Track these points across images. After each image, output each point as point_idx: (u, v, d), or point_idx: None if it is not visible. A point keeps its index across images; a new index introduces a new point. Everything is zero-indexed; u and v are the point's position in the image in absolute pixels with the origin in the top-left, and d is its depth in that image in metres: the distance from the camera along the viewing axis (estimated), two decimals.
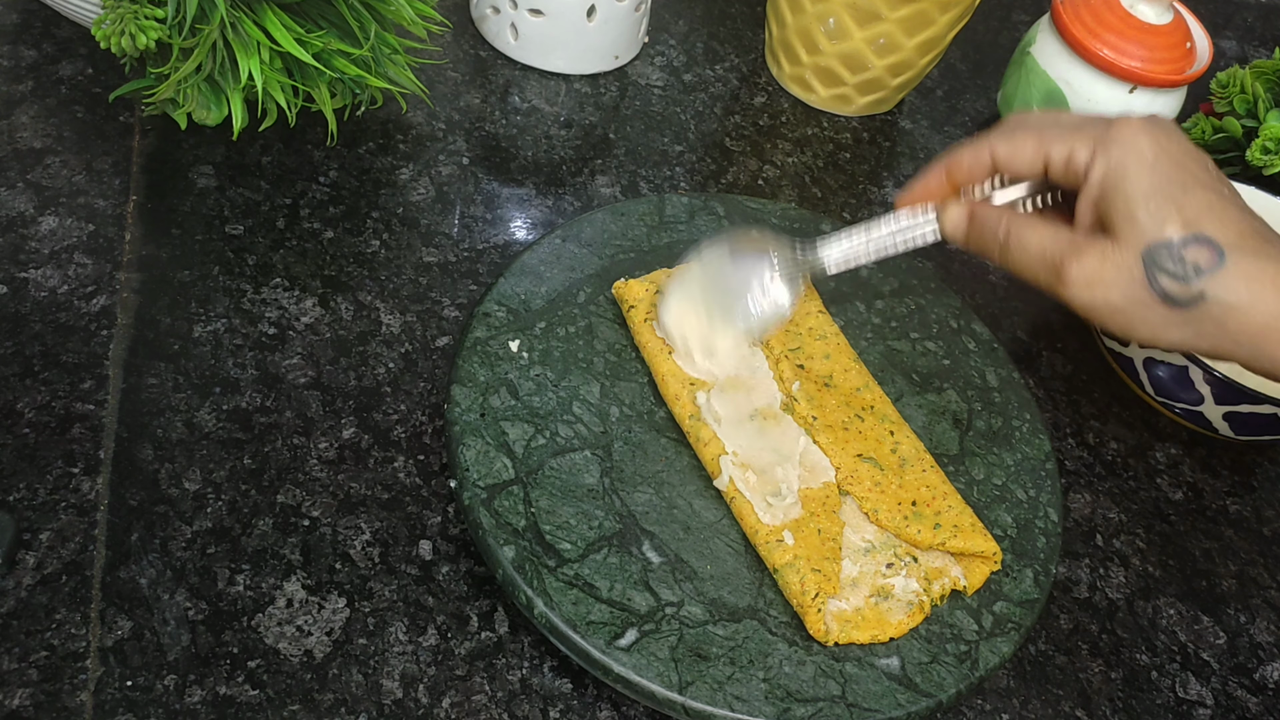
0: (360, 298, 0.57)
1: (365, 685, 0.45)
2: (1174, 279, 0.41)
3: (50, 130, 0.59)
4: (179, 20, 0.53)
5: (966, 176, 0.48)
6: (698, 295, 0.52)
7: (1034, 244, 0.44)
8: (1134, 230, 0.42)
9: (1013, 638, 0.49)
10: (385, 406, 0.53)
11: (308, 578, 0.47)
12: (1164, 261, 0.41)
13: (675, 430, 0.52)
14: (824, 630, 0.46)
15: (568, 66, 0.72)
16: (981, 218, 0.47)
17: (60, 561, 0.45)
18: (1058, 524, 0.53)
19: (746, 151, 0.72)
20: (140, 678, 0.43)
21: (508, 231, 0.63)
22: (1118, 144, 0.43)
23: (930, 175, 0.49)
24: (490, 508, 0.47)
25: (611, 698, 0.47)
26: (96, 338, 0.52)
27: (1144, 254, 0.41)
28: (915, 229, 0.49)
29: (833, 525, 0.49)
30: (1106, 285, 0.42)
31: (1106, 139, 0.43)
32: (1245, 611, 0.57)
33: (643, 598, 0.46)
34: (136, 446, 0.49)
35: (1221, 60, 0.94)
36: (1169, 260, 0.41)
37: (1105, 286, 0.42)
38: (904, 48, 0.71)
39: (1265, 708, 0.54)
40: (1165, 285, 0.41)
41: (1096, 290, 0.42)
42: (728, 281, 0.52)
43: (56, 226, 0.56)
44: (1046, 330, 0.68)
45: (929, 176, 0.49)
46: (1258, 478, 0.64)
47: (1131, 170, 0.42)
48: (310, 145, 0.63)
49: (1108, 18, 0.70)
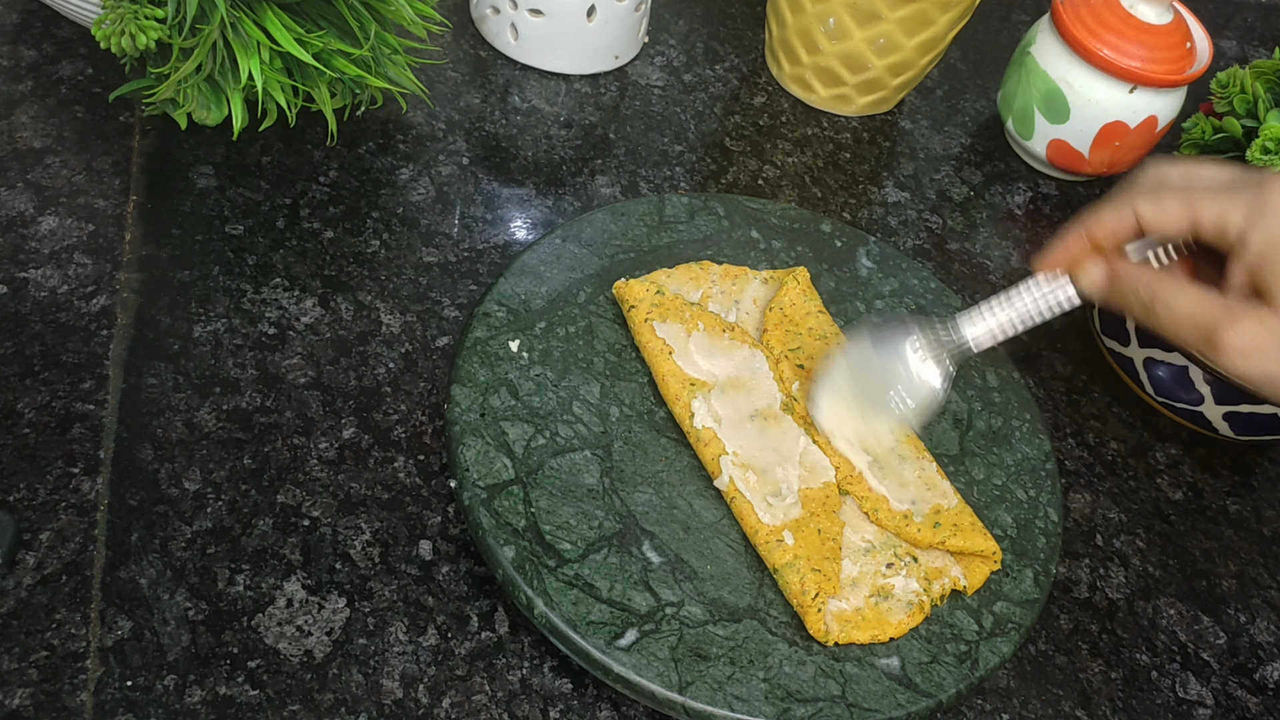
0: (360, 298, 0.57)
1: (365, 685, 0.45)
2: None
3: (50, 130, 0.59)
4: (179, 20, 0.53)
5: (1109, 238, 0.47)
6: (845, 390, 0.51)
7: (1183, 308, 0.43)
8: None
9: (1013, 638, 0.49)
10: (385, 406, 0.53)
11: (308, 578, 0.47)
12: None
13: (675, 430, 0.52)
14: (824, 630, 0.46)
15: (568, 66, 0.72)
16: (1122, 277, 0.46)
17: (60, 561, 0.45)
18: (1058, 524, 0.53)
19: (746, 151, 0.72)
20: (140, 678, 0.43)
21: (508, 231, 0.63)
22: (1274, 211, 0.42)
23: (1070, 237, 0.48)
24: (490, 508, 0.47)
25: (611, 698, 0.47)
26: (96, 338, 0.52)
27: None
28: (1055, 293, 0.48)
29: (833, 525, 0.49)
30: (1266, 354, 0.41)
31: (1262, 205, 0.42)
32: (1245, 611, 0.57)
33: (643, 598, 0.46)
34: (136, 446, 0.49)
35: (1221, 60, 0.94)
36: None
37: (1265, 355, 0.41)
38: (904, 48, 0.71)
39: (1265, 708, 0.54)
40: None
41: (1254, 359, 0.42)
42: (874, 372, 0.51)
43: (56, 226, 0.56)
44: (1046, 330, 0.68)
45: (1069, 239, 0.48)
46: (1258, 478, 0.64)
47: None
48: (310, 145, 0.63)
49: (1108, 18, 0.70)
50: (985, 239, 0.72)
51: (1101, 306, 0.47)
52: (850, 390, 0.52)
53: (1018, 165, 0.78)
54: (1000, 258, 0.71)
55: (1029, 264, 0.49)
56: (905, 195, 0.73)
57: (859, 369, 0.51)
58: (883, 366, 0.51)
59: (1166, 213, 0.45)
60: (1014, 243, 0.72)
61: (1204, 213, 0.44)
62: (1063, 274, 0.48)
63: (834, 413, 0.52)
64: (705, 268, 0.58)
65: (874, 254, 0.63)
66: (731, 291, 0.58)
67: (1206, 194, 0.44)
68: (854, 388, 0.51)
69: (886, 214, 0.71)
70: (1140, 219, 0.45)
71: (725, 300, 0.57)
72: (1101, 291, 0.47)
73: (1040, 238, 0.73)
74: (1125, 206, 0.46)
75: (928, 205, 0.73)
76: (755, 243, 0.61)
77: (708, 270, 0.58)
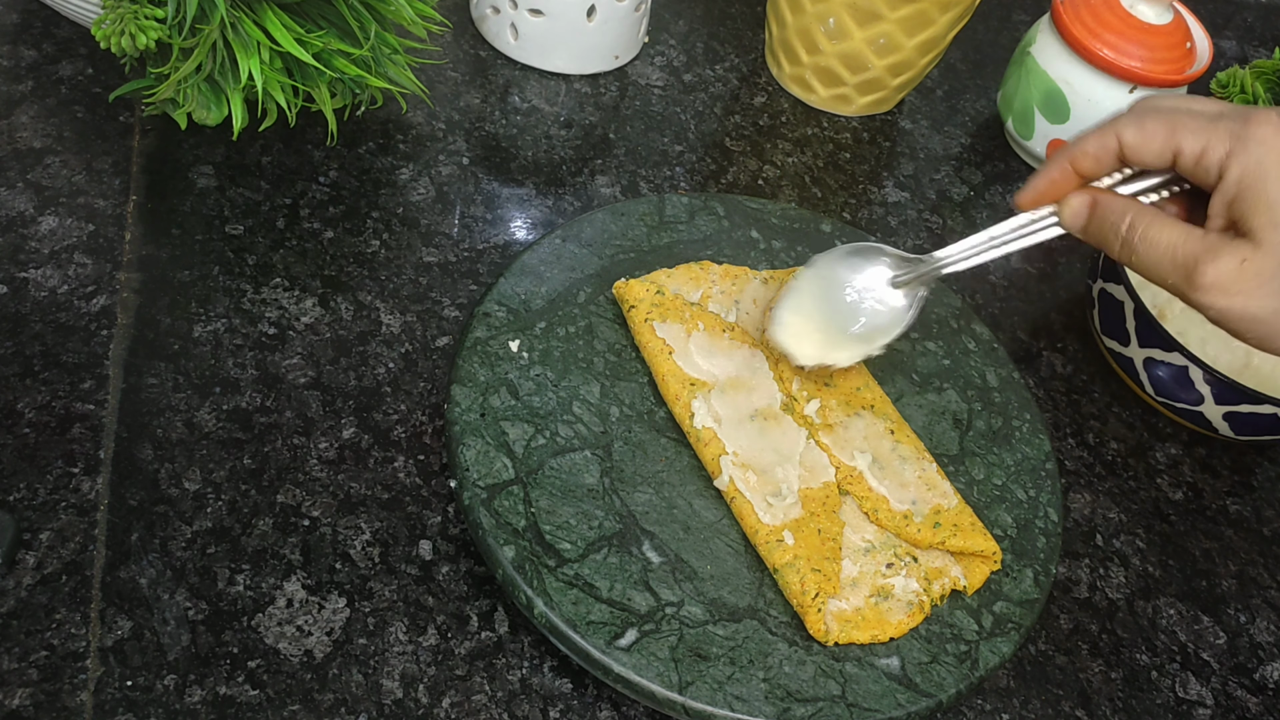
0: (360, 298, 0.57)
1: (365, 685, 0.45)
2: None
3: (50, 130, 0.59)
4: (179, 20, 0.53)
5: (1093, 166, 0.45)
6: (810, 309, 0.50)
7: (1163, 241, 0.42)
8: (1277, 234, 0.39)
9: (1013, 638, 0.49)
10: (385, 406, 0.53)
11: (308, 578, 0.47)
12: None
13: (675, 430, 0.52)
14: (824, 630, 0.46)
15: (568, 66, 0.72)
16: (1105, 207, 0.44)
17: (60, 561, 0.45)
18: (1058, 524, 0.53)
19: (746, 151, 0.72)
20: (140, 678, 0.43)
21: (508, 231, 0.63)
22: (1257, 143, 0.40)
23: (1053, 167, 0.46)
24: (490, 508, 0.47)
25: (611, 698, 0.47)
26: (96, 338, 0.52)
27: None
28: (1035, 226, 0.47)
29: (833, 525, 0.49)
30: (1246, 293, 0.40)
31: (1245, 136, 0.40)
32: (1245, 611, 0.57)
33: (643, 598, 0.46)
34: (136, 446, 0.49)
35: (1221, 60, 0.94)
36: None
37: (1244, 294, 0.40)
38: (904, 48, 0.71)
39: (1265, 708, 0.54)
40: None
41: (1234, 298, 0.40)
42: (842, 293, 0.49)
43: (56, 226, 0.56)
44: (1046, 330, 0.68)
45: (1052, 169, 0.46)
46: (1258, 478, 0.64)
47: (1272, 173, 0.39)
48: (310, 145, 0.63)
49: (1108, 18, 0.70)
50: None
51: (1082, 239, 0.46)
52: (815, 309, 0.50)
53: (1018, 165, 0.78)
54: (1000, 258, 0.71)
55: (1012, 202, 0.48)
56: (905, 195, 0.73)
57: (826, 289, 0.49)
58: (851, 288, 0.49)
59: (1149, 137, 0.43)
60: None
61: (1186, 141, 0.42)
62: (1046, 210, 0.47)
63: (795, 331, 0.50)
64: (705, 268, 0.58)
65: None
66: (731, 291, 0.58)
67: (1191, 121, 0.42)
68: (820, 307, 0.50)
69: (886, 214, 0.71)
70: (1122, 143, 0.44)
71: (725, 300, 0.57)
72: (1082, 222, 0.45)
73: None
74: (1109, 131, 0.44)
75: (928, 205, 0.73)
76: (755, 243, 0.61)
77: (708, 270, 0.58)
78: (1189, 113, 0.42)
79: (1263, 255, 0.40)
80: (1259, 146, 0.40)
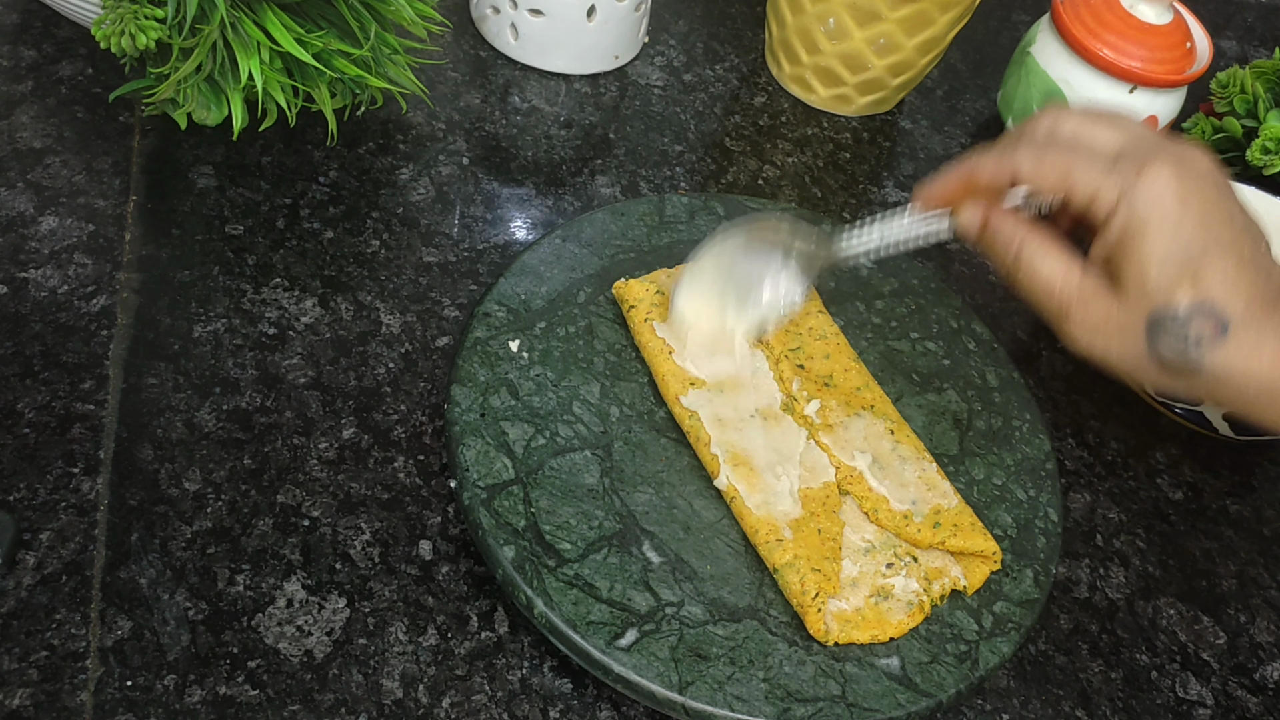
0: (360, 298, 0.57)
1: (365, 685, 0.45)
2: (1175, 350, 0.41)
3: (50, 130, 0.59)
4: (179, 20, 0.53)
5: (986, 185, 0.47)
6: (710, 286, 0.51)
7: (1043, 274, 0.44)
8: (1142, 295, 0.41)
9: (1013, 638, 0.49)
10: (385, 406, 0.53)
11: (308, 578, 0.47)
12: (1167, 330, 0.41)
13: (675, 430, 0.52)
14: (824, 630, 0.46)
15: (568, 66, 0.72)
16: (994, 228, 0.46)
17: (60, 561, 0.45)
18: (1058, 524, 0.53)
19: (746, 151, 0.72)
20: (140, 678, 0.43)
21: (508, 231, 0.63)
22: (1143, 196, 0.41)
23: (951, 177, 0.48)
24: (490, 508, 0.47)
25: (611, 698, 0.47)
26: (96, 338, 0.52)
27: (1149, 321, 0.41)
28: (929, 225, 0.49)
29: (833, 525, 0.49)
30: (1107, 338, 0.42)
31: (1134, 188, 0.41)
32: (1245, 611, 0.57)
33: (643, 598, 0.46)
34: (136, 446, 0.49)
35: (1221, 60, 0.94)
36: (1172, 330, 0.41)
37: (1106, 339, 0.43)
38: (904, 48, 0.71)
39: (1265, 708, 0.54)
40: (1165, 354, 0.41)
41: (1097, 339, 0.43)
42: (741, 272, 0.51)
43: (56, 226, 0.56)
44: (1046, 330, 0.67)
45: (949, 178, 0.48)
46: (1258, 478, 0.64)
47: (1152, 228, 0.41)
48: (310, 145, 0.63)
49: (1108, 18, 0.70)
50: None
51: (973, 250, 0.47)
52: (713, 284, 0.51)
53: None
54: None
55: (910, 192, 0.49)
56: (905, 195, 0.73)
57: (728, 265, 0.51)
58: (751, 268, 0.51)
59: (1044, 173, 0.44)
60: None
61: (1079, 182, 0.43)
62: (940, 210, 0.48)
63: (694, 305, 0.52)
64: None
65: None
66: None
67: (1086, 162, 0.43)
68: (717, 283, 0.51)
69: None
70: (1018, 173, 0.45)
71: None
72: (972, 236, 0.47)
73: None
74: (1008, 160, 0.45)
75: None
76: None
77: None
78: (1089, 152, 0.43)
79: (1126, 310, 0.42)
80: (1144, 200, 0.41)
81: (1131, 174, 0.42)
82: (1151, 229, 0.41)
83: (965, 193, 0.47)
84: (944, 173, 0.48)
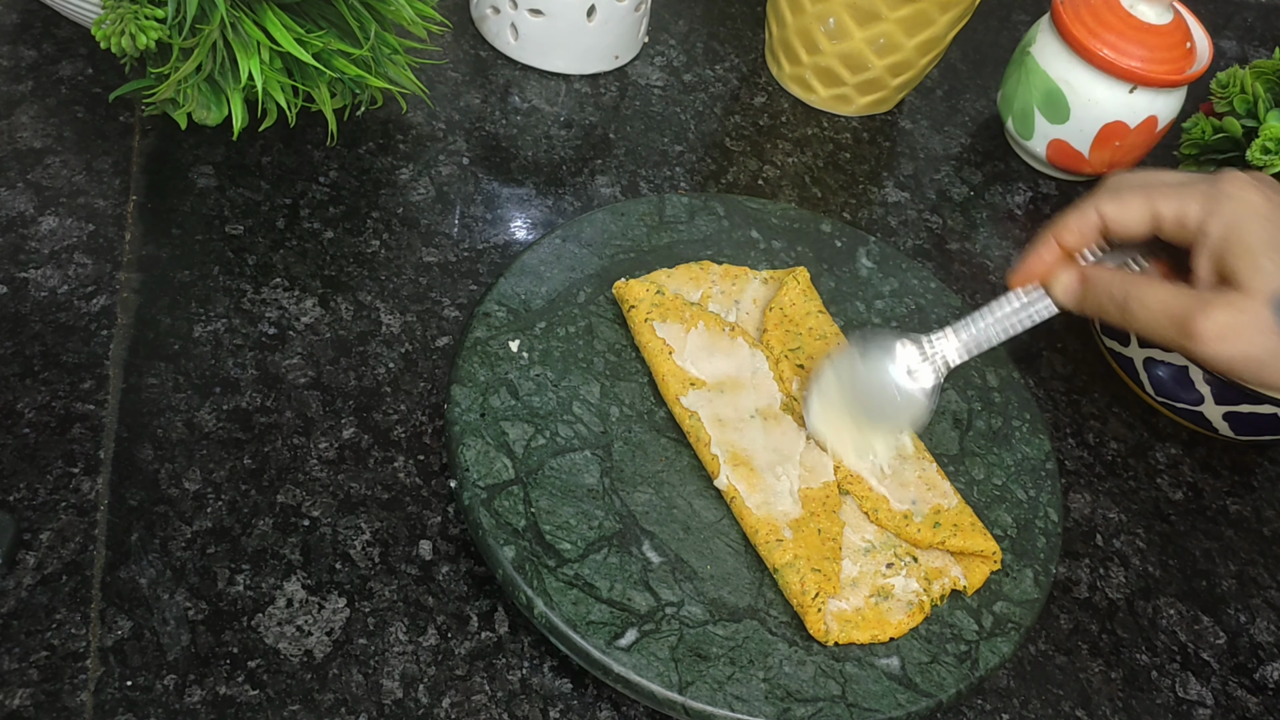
0: (360, 298, 0.57)
1: (365, 685, 0.45)
2: None
3: (50, 130, 0.59)
4: (179, 20, 0.53)
5: (1076, 240, 0.48)
6: (837, 400, 0.52)
7: (1155, 302, 0.44)
8: (1261, 279, 0.42)
9: (1013, 638, 0.49)
10: (385, 406, 0.53)
11: (308, 578, 0.47)
12: None
13: (675, 430, 0.52)
14: (824, 630, 0.46)
15: (568, 66, 0.72)
16: (1094, 281, 0.47)
17: (60, 561, 0.45)
18: (1058, 524, 0.53)
19: (746, 151, 0.72)
20: (140, 678, 0.43)
21: (508, 231, 0.63)
22: (1229, 199, 0.43)
23: (1040, 248, 0.49)
24: (490, 508, 0.47)
25: (611, 698, 0.47)
26: (96, 338, 0.52)
27: (1274, 302, 0.42)
28: (1032, 306, 0.49)
29: (833, 525, 0.49)
30: (1241, 337, 0.42)
31: (1216, 194, 0.44)
32: (1245, 611, 0.57)
33: (643, 598, 0.46)
34: (136, 446, 0.49)
35: (1221, 60, 0.94)
36: None
37: (1240, 339, 0.42)
38: (904, 48, 0.71)
39: (1265, 708, 0.54)
40: None
41: (1230, 343, 0.42)
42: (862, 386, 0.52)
43: (56, 226, 0.56)
44: (1046, 330, 0.68)
45: (1039, 249, 0.49)
46: (1258, 478, 0.64)
47: (1248, 223, 0.43)
48: (310, 145, 0.63)
49: (1108, 18, 0.70)
50: (985, 239, 0.72)
51: (1077, 312, 0.48)
52: (842, 402, 0.52)
53: (1018, 165, 0.78)
54: (1000, 258, 0.71)
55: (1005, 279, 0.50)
56: (905, 195, 0.73)
57: (848, 382, 0.52)
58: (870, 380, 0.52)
59: (1128, 209, 0.46)
60: (1014, 243, 0.72)
61: (1163, 207, 0.45)
62: (1037, 286, 0.49)
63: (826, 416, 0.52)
64: (705, 268, 0.58)
65: (874, 254, 0.63)
66: (731, 291, 0.58)
67: (1165, 189, 0.45)
68: (845, 400, 0.52)
69: (886, 214, 0.71)
70: (1104, 218, 0.47)
71: (725, 300, 0.57)
72: (1076, 298, 0.48)
73: None
74: (1089, 209, 0.47)
75: (928, 205, 0.73)
76: (755, 243, 0.61)
77: (708, 270, 0.58)
78: (1160, 183, 0.46)
79: (1251, 300, 0.42)
80: (1230, 201, 0.43)
81: (1208, 184, 0.44)
82: (1249, 222, 0.43)
83: (1055, 260, 0.49)
84: (1029, 250, 0.49)
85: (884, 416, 0.52)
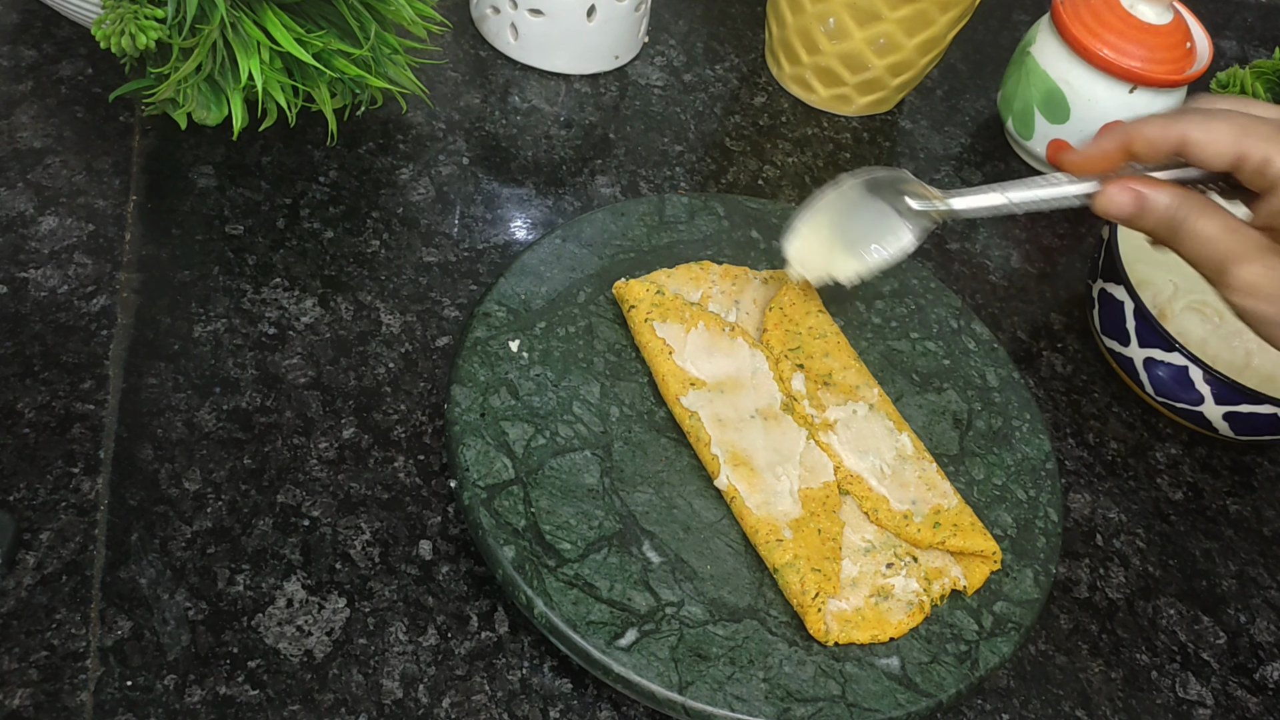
0: (360, 298, 0.57)
1: (365, 685, 0.45)
2: None
3: (50, 130, 0.59)
4: (179, 20, 0.53)
5: (1147, 153, 0.45)
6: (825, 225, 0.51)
7: (1206, 233, 0.43)
8: None
9: (1013, 638, 0.49)
10: (385, 406, 0.53)
11: (308, 578, 0.47)
12: None
13: (675, 430, 0.52)
14: (824, 630, 0.46)
15: (568, 66, 0.72)
16: (1152, 204, 0.45)
17: (60, 561, 0.45)
18: (1058, 524, 0.53)
19: (746, 151, 0.72)
20: (140, 678, 0.43)
21: (508, 231, 0.63)
22: None
23: (1106, 142, 0.46)
24: (490, 508, 0.47)
25: (611, 698, 0.47)
26: (96, 338, 0.52)
27: None
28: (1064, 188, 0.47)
29: (833, 525, 0.49)
30: (1265, 298, 0.42)
31: None
32: (1245, 611, 0.57)
33: (643, 598, 0.46)
34: (136, 446, 0.49)
35: (1221, 60, 0.94)
36: None
37: (1264, 299, 0.42)
38: (904, 48, 0.71)
39: (1265, 708, 0.54)
40: None
41: (1254, 300, 0.43)
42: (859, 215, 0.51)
43: (56, 226, 0.56)
44: (1046, 330, 0.68)
45: (1106, 143, 0.46)
46: (1258, 478, 0.64)
47: None
48: (310, 145, 0.63)
49: (1108, 18, 0.70)
50: (985, 239, 0.72)
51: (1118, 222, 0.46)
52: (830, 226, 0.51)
53: (1018, 165, 0.78)
54: (1000, 258, 0.71)
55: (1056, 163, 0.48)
56: None
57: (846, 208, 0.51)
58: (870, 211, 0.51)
59: (1216, 140, 0.43)
60: (1014, 243, 0.72)
61: (1253, 147, 0.42)
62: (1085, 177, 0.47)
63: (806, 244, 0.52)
64: (705, 268, 0.58)
65: None
66: (731, 291, 0.58)
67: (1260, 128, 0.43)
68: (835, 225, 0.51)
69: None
70: (1186, 139, 0.44)
71: (725, 300, 0.57)
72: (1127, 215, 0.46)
73: (1039, 238, 0.73)
74: (1175, 124, 0.44)
75: None
76: (755, 243, 0.61)
77: (708, 270, 0.58)
78: (1254, 119, 0.43)
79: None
80: None
81: None
82: None
83: (1120, 159, 0.46)
84: (1097, 138, 0.47)
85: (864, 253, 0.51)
